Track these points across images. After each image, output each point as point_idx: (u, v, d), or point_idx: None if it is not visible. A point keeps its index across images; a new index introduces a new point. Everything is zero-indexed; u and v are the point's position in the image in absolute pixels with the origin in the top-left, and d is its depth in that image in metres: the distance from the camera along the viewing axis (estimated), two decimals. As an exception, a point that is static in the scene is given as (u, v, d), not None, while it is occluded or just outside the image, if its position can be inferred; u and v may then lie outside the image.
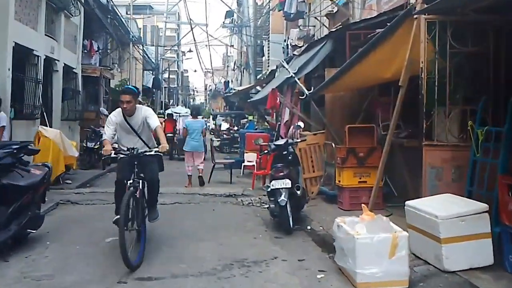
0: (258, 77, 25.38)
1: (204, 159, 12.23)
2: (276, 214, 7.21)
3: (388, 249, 4.59)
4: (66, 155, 10.66)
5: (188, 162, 11.88)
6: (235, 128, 27.78)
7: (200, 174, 11.77)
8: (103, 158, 14.34)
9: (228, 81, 43.37)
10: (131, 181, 5.83)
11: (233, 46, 39.90)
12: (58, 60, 13.19)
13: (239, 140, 24.32)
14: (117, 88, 24.94)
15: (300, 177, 8.13)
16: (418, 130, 6.90)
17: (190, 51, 35.55)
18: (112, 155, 5.99)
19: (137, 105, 6.30)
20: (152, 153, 6.02)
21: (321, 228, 7.42)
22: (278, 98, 10.77)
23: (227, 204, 9.53)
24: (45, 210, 7.92)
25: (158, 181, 6.52)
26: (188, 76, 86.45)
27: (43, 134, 10.29)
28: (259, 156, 10.93)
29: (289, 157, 8.01)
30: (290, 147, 8.17)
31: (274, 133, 17.03)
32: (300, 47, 16.17)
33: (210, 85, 78.46)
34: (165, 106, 45.60)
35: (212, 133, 29.10)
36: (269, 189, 7.38)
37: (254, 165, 13.78)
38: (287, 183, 7.10)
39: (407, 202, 5.41)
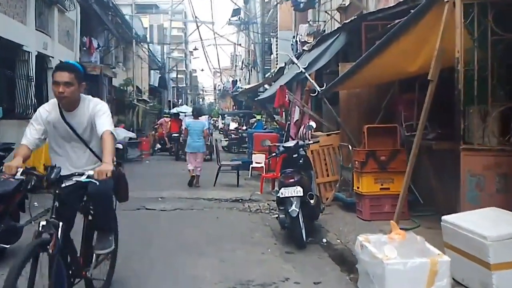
0: (266, 75, 24.55)
1: (203, 159, 12.21)
2: (286, 225, 6.36)
3: (426, 277, 3.74)
4: None
5: (190, 163, 11.63)
6: (244, 127, 27.00)
7: (198, 174, 11.64)
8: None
9: (236, 80, 42.55)
10: (44, 222, 3.41)
11: (240, 44, 39.09)
12: (53, 57, 12.43)
13: (247, 140, 23.60)
14: (121, 88, 24.37)
15: (313, 183, 7.27)
16: (449, 131, 6.03)
17: (195, 49, 34.79)
18: (17, 177, 3.49)
19: (83, 95, 4.04)
20: (82, 179, 3.50)
21: (338, 241, 6.58)
22: (287, 96, 9.91)
23: (233, 211, 8.70)
24: (31, 219, 7.16)
25: (110, 197, 4.10)
26: (196, 76, 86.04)
27: (34, 135, 9.50)
28: (268, 158, 10.08)
29: (300, 161, 7.17)
30: (301, 149, 7.32)
31: (283, 133, 16.24)
32: (310, 43, 15.33)
33: (219, 85, 77.95)
34: (173, 106, 45.06)
35: (220, 132, 28.30)
36: (278, 196, 6.54)
37: (262, 167, 12.99)
38: (298, 191, 6.26)
39: (444, 218, 4.53)
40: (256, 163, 13.51)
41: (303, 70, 9.31)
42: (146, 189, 10.60)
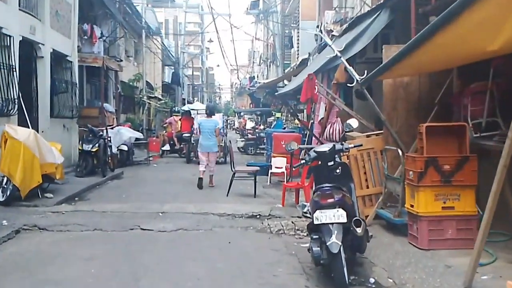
0: (286, 71, 22.80)
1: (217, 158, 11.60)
2: (323, 262, 4.59)
3: None
4: (44, 162, 8.28)
5: (202, 163, 11.17)
6: (261, 127, 25.28)
7: (212, 173, 11.27)
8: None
9: (254, 76, 40.81)
10: None
11: (258, 39, 37.31)
12: (43, 44, 10.82)
13: (265, 140, 21.85)
14: (130, 83, 22.83)
15: (355, 201, 5.47)
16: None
17: (211, 41, 33.04)
18: None
19: None
20: None
21: (390, 281, 4.91)
22: (316, 88, 8.07)
23: (248, 232, 6.95)
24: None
25: None
26: (213, 74, 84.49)
27: (11, 135, 7.92)
28: (295, 166, 8.22)
29: (337, 171, 5.44)
30: (338, 155, 5.57)
31: (306, 133, 14.54)
32: (336, 32, 13.58)
33: (236, 83, 76.45)
34: (187, 104, 43.51)
35: (236, 132, 26.51)
36: (312, 222, 4.81)
37: (283, 172, 11.27)
38: (340, 215, 4.52)
39: None
40: (276, 167, 11.79)
41: (339, 54, 7.50)
42: (146, 200, 8.98)
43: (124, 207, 8.16)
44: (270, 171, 11.74)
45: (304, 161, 5.57)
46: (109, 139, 13.25)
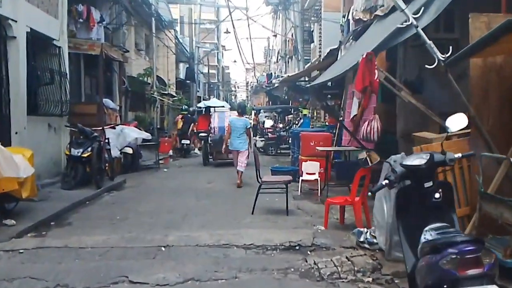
0: (306, 66, 20.70)
1: (247, 157, 11.17)
2: None
3: None
4: (2, 176, 6.17)
5: (235, 160, 11.23)
6: (280, 125, 23.19)
7: (241, 170, 10.96)
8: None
9: (271, 73, 38.75)
10: None
11: (276, 36, 35.21)
12: (15, 20, 8.65)
13: (289, 140, 19.75)
14: (140, 78, 20.93)
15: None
16: None
17: (227, 32, 31.03)
18: None
19: None
20: None
21: None
22: (376, 73, 5.82)
23: (289, 279, 4.70)
24: None
25: None
26: (229, 72, 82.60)
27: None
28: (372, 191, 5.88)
29: (436, 196, 3.36)
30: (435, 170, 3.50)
31: (334, 132, 12.50)
32: (365, 21, 11.46)
33: (251, 82, 74.57)
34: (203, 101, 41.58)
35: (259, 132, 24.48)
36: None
37: (317, 180, 9.23)
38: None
39: None
40: (307, 174, 9.71)
41: (414, 22, 5.31)
42: (145, 225, 6.83)
43: (112, 239, 5.95)
44: (300, 178, 9.65)
45: (387, 182, 3.45)
46: (107, 141, 11.28)
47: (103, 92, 16.01)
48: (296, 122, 21.29)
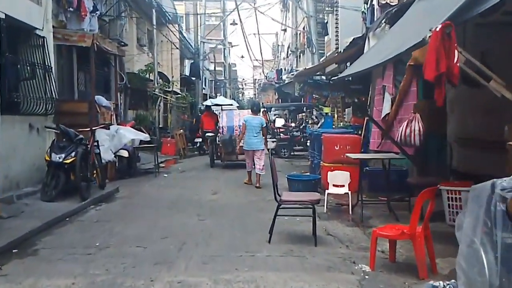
0: (322, 59, 18.96)
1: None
2: None
3: None
4: None
5: (249, 159, 10.85)
6: (292, 124, 21.47)
7: (260, 173, 10.54)
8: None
9: (281, 68, 37.01)
10: None
11: (285, 30, 33.45)
12: None
13: (302, 141, 18.06)
14: (141, 74, 19.32)
15: None
16: None
17: (234, 23, 29.23)
18: None
19: None
20: None
21: None
22: (456, 55, 3.99)
23: None
24: None
25: None
26: (236, 70, 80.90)
27: None
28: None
29: None
30: None
31: (360, 133, 10.85)
32: (393, 6, 9.81)
33: (259, 79, 72.94)
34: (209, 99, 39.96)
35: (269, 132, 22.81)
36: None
37: (348, 194, 7.56)
38: None
39: None
40: (335, 186, 8.01)
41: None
42: (126, 259, 5.12)
43: (77, 286, 4.33)
44: (326, 191, 7.94)
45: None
46: (96, 144, 9.64)
47: (100, 89, 14.52)
48: (310, 121, 19.58)
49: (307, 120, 20.55)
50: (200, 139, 18.35)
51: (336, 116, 12.90)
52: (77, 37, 11.02)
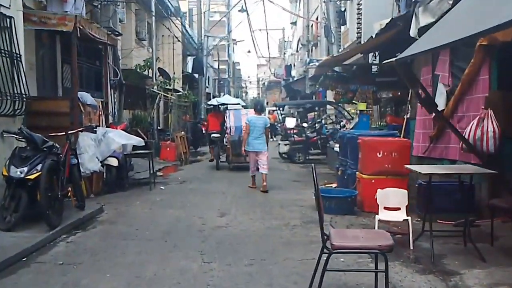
0: (340, 50, 16.87)
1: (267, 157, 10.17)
2: None
3: None
4: None
5: (252, 162, 10.35)
6: (304, 124, 19.39)
7: (265, 172, 9.94)
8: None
9: (290, 64, 34.92)
10: None
11: (295, 23, 31.39)
12: None
13: (327, 145, 15.98)
14: (139, 70, 17.30)
15: None
16: None
17: (242, 10, 27.06)
18: None
19: None
20: None
21: None
22: None
23: None
24: None
25: None
26: (240, 69, 78.95)
27: None
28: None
29: None
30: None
31: (398, 135, 8.86)
32: None
33: (263, 78, 71.23)
34: (212, 98, 37.97)
35: (278, 133, 20.61)
36: None
37: (408, 221, 5.55)
38: None
39: None
40: (386, 209, 5.95)
41: None
42: None
43: None
44: (376, 219, 5.85)
45: None
46: (72, 152, 7.61)
47: (90, 86, 12.62)
48: (328, 121, 17.54)
49: (320, 120, 18.52)
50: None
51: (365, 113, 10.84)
52: (57, 19, 8.95)
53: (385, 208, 5.96)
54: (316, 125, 18.38)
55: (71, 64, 11.72)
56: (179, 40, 22.75)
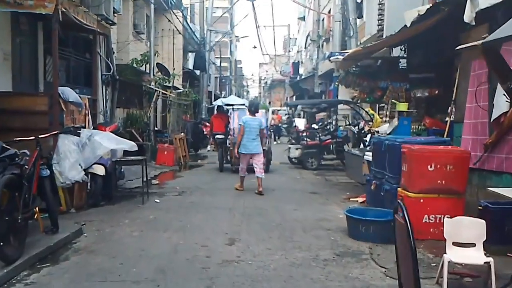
0: (361, 42, 15.30)
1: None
2: None
3: None
4: None
5: (243, 165, 9.97)
6: (315, 126, 17.83)
7: (260, 176, 9.70)
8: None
9: (298, 61, 33.35)
10: None
11: (303, 18, 29.84)
12: None
13: (332, 147, 14.45)
14: (135, 65, 15.79)
15: None
16: None
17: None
18: None
19: None
20: None
21: None
22: None
23: None
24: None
25: None
26: (242, 67, 77.48)
27: None
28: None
29: None
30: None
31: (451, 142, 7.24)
32: None
33: (265, 77, 69.97)
34: (214, 98, 36.41)
35: (290, 135, 18.91)
36: None
37: (490, 265, 3.94)
38: None
39: None
40: (456, 245, 4.39)
41: None
42: None
43: None
44: (444, 258, 4.29)
45: None
46: (44, 162, 6.05)
47: (79, 81, 11.17)
48: (346, 123, 15.97)
49: (332, 121, 17.00)
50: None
51: (394, 115, 9.24)
52: (35, 0, 7.40)
53: (454, 243, 4.41)
54: (328, 126, 16.86)
55: (63, 58, 10.29)
56: (180, 33, 21.17)
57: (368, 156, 8.09)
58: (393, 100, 8.21)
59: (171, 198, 9.15)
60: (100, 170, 8.28)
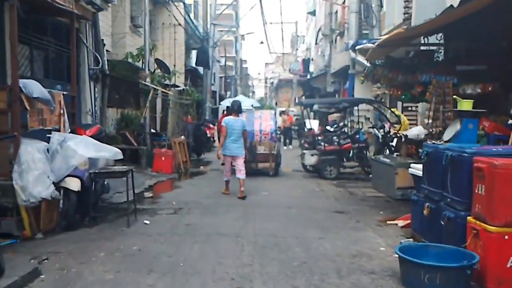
0: (383, 34, 13.66)
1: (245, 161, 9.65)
2: None
3: None
4: None
5: (227, 167, 9.78)
6: (330, 128, 16.09)
7: (242, 177, 9.47)
8: None
9: (308, 58, 31.67)
10: None
11: (313, 12, 28.13)
12: None
13: (353, 153, 12.72)
14: (129, 59, 14.19)
15: None
16: None
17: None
18: None
19: None
20: None
21: None
22: None
23: None
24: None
25: None
26: (247, 67, 76.00)
27: None
28: None
29: None
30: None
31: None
32: None
33: (271, 77, 68.66)
34: (219, 98, 34.80)
35: (303, 139, 17.05)
36: None
37: None
38: None
39: None
40: None
41: None
42: None
43: None
44: None
45: None
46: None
47: (60, 76, 9.59)
48: (367, 125, 14.26)
49: (346, 123, 15.26)
50: None
51: (439, 116, 7.47)
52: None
53: None
54: (344, 129, 15.11)
55: (41, 49, 8.67)
56: (180, 25, 19.54)
57: (416, 169, 6.33)
58: (454, 96, 6.45)
59: (164, 218, 7.41)
60: (74, 184, 6.61)
